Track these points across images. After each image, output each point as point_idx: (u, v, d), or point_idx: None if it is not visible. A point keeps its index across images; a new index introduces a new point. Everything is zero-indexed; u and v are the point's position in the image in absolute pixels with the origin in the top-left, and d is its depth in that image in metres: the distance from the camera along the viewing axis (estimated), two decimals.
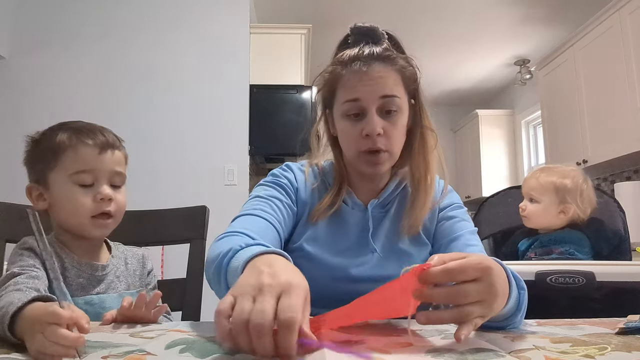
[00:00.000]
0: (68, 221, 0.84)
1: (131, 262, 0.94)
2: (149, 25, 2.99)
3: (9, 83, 2.86)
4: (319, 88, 0.95)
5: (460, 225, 0.92)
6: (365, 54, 0.85)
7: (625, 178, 3.43)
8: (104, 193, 0.82)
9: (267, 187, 0.92)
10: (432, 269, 0.52)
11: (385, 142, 0.85)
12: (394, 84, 0.85)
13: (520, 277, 0.67)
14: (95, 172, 0.82)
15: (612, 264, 1.11)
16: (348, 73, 0.85)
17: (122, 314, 0.69)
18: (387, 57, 0.86)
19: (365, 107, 0.84)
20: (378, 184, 0.96)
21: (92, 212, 0.82)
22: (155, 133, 2.88)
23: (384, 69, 0.85)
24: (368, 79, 0.84)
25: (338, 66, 0.88)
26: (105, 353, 0.48)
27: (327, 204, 0.91)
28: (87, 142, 0.82)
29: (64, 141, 0.82)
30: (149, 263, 0.98)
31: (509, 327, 0.64)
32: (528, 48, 4.42)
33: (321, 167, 0.98)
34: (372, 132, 0.83)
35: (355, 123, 0.86)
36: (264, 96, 3.08)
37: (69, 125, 0.86)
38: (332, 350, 0.48)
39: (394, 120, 0.86)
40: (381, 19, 3.92)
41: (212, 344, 0.52)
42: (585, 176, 1.39)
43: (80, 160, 0.82)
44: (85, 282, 0.83)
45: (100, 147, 0.83)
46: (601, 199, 1.41)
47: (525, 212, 1.41)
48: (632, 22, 2.86)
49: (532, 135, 5.13)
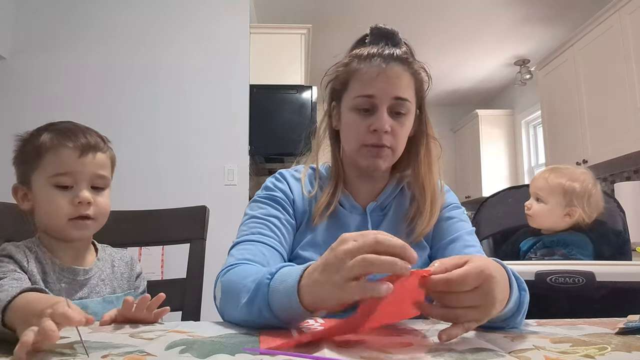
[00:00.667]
0: (47, 223, 0.83)
1: (118, 265, 0.92)
2: (149, 25, 2.98)
3: (9, 83, 2.86)
4: (330, 79, 0.94)
5: (458, 226, 0.92)
6: (385, 53, 0.87)
7: (625, 178, 3.43)
8: (82, 197, 0.81)
9: (262, 204, 0.91)
10: (433, 277, 0.52)
11: (391, 140, 0.86)
12: (407, 87, 0.87)
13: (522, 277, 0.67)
14: (75, 174, 0.82)
15: (612, 264, 1.11)
16: (366, 67, 0.86)
17: (122, 314, 0.69)
18: (405, 59, 0.87)
19: (377, 104, 0.85)
20: (376, 185, 0.95)
21: (70, 215, 0.81)
22: (154, 133, 2.88)
23: (401, 71, 0.86)
24: (385, 77, 0.84)
25: (355, 59, 0.89)
26: (105, 353, 0.48)
27: (324, 203, 0.90)
28: (67, 144, 0.82)
29: (45, 142, 0.81)
30: (137, 266, 0.96)
31: (508, 328, 0.64)
32: (528, 48, 4.42)
33: (318, 171, 0.97)
34: (381, 128, 0.84)
35: (364, 117, 0.86)
36: (264, 96, 3.08)
37: (55, 126, 0.85)
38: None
39: (401, 122, 0.87)
40: (381, 19, 3.88)
41: (213, 344, 0.52)
42: (595, 180, 1.37)
43: (60, 162, 0.81)
44: (66, 287, 0.82)
45: (81, 150, 0.82)
46: (608, 204, 1.39)
47: (530, 211, 1.41)
48: (632, 22, 2.86)
49: (532, 135, 5.13)
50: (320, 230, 0.90)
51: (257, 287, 0.62)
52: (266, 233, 0.85)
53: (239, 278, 0.69)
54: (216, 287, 0.76)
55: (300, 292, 0.56)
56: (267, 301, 0.59)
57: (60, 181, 0.81)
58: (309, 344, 0.51)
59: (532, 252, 1.39)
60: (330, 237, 0.89)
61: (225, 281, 0.73)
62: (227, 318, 0.71)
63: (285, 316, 0.58)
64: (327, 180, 0.95)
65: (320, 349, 0.49)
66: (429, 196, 0.91)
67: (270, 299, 0.59)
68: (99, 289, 0.86)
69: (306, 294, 0.56)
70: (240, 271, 0.73)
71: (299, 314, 0.57)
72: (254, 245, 0.82)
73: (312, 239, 0.89)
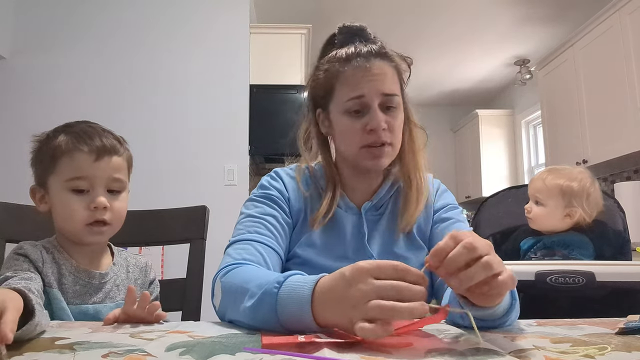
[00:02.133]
0: (63, 227, 0.83)
1: (133, 271, 0.91)
2: (149, 25, 2.99)
3: (9, 83, 2.86)
4: (311, 87, 0.94)
5: (456, 227, 0.92)
6: (364, 51, 0.86)
7: (625, 178, 3.43)
8: (98, 201, 0.80)
9: (258, 203, 0.90)
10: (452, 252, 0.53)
11: (389, 136, 0.86)
12: (392, 81, 0.87)
13: (520, 277, 0.67)
14: (91, 179, 0.80)
15: (612, 264, 1.11)
16: (350, 69, 0.85)
17: (125, 311, 0.69)
18: (385, 54, 0.87)
19: (368, 103, 0.85)
20: (371, 184, 0.95)
21: (86, 220, 0.80)
22: (154, 133, 2.88)
23: (384, 65, 0.86)
24: (371, 75, 0.84)
25: (336, 63, 0.88)
26: (105, 352, 0.48)
27: (323, 210, 0.90)
28: (82, 148, 0.80)
29: (61, 146, 0.80)
30: (152, 272, 0.95)
31: (505, 326, 0.64)
32: (528, 48, 4.42)
33: (312, 170, 0.97)
34: (378, 126, 0.84)
35: (357, 119, 0.86)
36: (264, 96, 3.08)
37: (72, 127, 0.84)
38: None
39: (394, 115, 0.87)
40: (381, 19, 3.93)
41: (213, 345, 0.52)
42: (593, 178, 1.37)
43: (75, 167, 0.80)
44: (82, 290, 0.81)
45: (97, 154, 0.81)
46: (607, 202, 1.39)
47: (530, 214, 1.41)
48: (632, 22, 2.86)
49: (532, 135, 5.13)
50: (317, 230, 0.90)
51: (263, 294, 0.61)
52: (263, 232, 0.84)
53: (241, 281, 0.69)
54: (214, 287, 0.76)
55: (313, 310, 0.56)
56: (275, 311, 0.58)
57: (76, 185, 0.80)
58: (310, 344, 0.51)
59: (533, 252, 1.39)
60: (327, 237, 0.90)
61: (225, 283, 0.73)
62: (228, 319, 0.70)
63: (294, 326, 0.58)
64: (322, 178, 0.95)
65: (320, 348, 0.50)
66: (414, 185, 0.91)
67: (280, 309, 0.58)
68: (113, 294, 0.85)
69: (319, 315, 0.55)
70: (241, 273, 0.72)
71: (309, 328, 0.57)
72: (250, 244, 0.82)
73: (309, 238, 0.89)
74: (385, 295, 0.50)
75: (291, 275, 0.61)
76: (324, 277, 0.58)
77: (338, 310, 0.54)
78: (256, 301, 0.61)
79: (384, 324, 0.49)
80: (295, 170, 0.97)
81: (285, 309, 0.58)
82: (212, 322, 0.70)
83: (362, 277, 0.52)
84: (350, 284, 0.53)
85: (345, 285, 0.53)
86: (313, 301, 0.56)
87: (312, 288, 0.57)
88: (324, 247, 0.88)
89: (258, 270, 0.74)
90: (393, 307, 0.49)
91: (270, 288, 0.60)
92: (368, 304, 0.50)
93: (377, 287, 0.51)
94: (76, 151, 0.80)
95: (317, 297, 0.56)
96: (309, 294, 0.56)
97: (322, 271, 0.83)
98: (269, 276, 0.64)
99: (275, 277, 0.62)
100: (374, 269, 0.52)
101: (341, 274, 0.55)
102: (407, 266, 0.53)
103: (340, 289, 0.54)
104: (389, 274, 0.52)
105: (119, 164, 0.84)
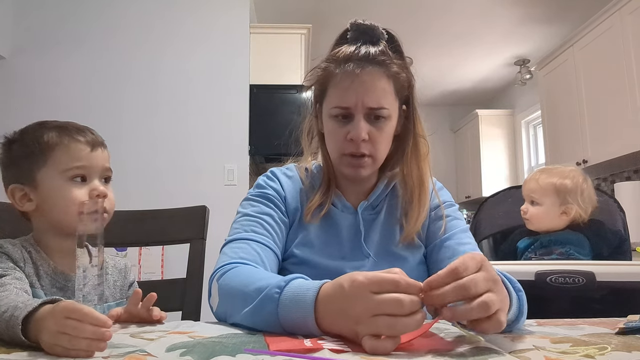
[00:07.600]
0: (62, 219, 0.80)
1: (112, 273, 0.91)
2: (149, 25, 2.98)
3: (9, 83, 2.86)
4: (311, 83, 0.93)
5: (453, 224, 0.91)
6: (360, 54, 0.84)
7: (625, 178, 3.43)
8: (99, 189, 0.81)
9: (254, 202, 0.90)
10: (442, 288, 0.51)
11: (369, 148, 0.84)
12: (383, 92, 0.83)
13: (520, 277, 0.67)
14: (88, 168, 0.82)
15: (612, 264, 1.11)
16: (341, 73, 0.84)
17: (128, 310, 0.69)
18: (381, 61, 0.84)
19: (352, 113, 0.84)
20: (365, 185, 0.94)
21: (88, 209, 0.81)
22: (154, 133, 2.88)
23: (376, 73, 0.83)
24: (359, 83, 0.82)
25: (332, 64, 0.87)
26: (106, 353, 0.48)
27: (316, 202, 0.89)
28: (78, 139, 0.82)
29: (53, 138, 0.81)
30: (131, 275, 0.95)
31: (515, 330, 0.64)
32: (528, 48, 4.41)
33: (310, 170, 0.96)
34: (357, 137, 0.82)
35: (341, 125, 0.85)
36: (264, 96, 3.08)
37: (51, 123, 0.84)
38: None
39: (380, 126, 0.85)
40: (381, 19, 3.88)
41: (213, 345, 0.52)
42: (585, 175, 1.39)
43: (74, 156, 0.81)
44: (58, 293, 0.80)
45: (92, 145, 0.83)
46: (601, 198, 1.41)
47: (527, 215, 1.41)
48: (632, 22, 2.86)
49: (532, 135, 5.13)
50: (314, 229, 0.89)
51: (264, 299, 0.60)
52: (259, 231, 0.84)
53: (239, 284, 0.68)
54: (212, 287, 0.75)
55: (316, 317, 0.55)
56: (276, 315, 0.58)
57: (76, 173, 0.81)
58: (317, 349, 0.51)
59: (531, 251, 1.40)
60: (323, 236, 0.89)
61: (223, 285, 0.72)
62: (229, 321, 0.69)
63: (296, 331, 0.57)
64: (318, 178, 0.95)
65: (320, 348, 0.50)
66: (416, 196, 0.90)
67: (282, 315, 0.58)
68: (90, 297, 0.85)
69: (322, 322, 0.55)
70: (239, 274, 0.72)
71: (312, 333, 0.56)
72: (247, 243, 0.81)
73: (306, 237, 0.89)
74: (387, 310, 0.50)
75: (292, 280, 0.61)
76: (326, 283, 0.57)
77: (341, 322, 0.53)
78: (256, 305, 0.61)
79: (393, 337, 0.49)
80: (291, 169, 0.97)
81: (288, 314, 0.57)
82: (213, 322, 0.70)
83: (360, 292, 0.51)
84: (349, 298, 0.52)
85: (344, 299, 0.53)
86: (316, 308, 0.55)
87: (315, 295, 0.56)
88: (321, 247, 0.88)
89: (256, 272, 0.73)
90: (400, 323, 0.49)
91: (271, 293, 0.60)
92: (373, 319, 0.50)
93: (379, 303, 0.50)
94: (73, 142, 0.81)
95: (320, 305, 0.56)
96: (312, 301, 0.56)
97: (319, 270, 0.84)
98: (268, 279, 0.63)
99: (275, 281, 0.61)
100: (372, 285, 0.51)
101: (340, 286, 0.54)
102: (407, 281, 0.51)
103: (339, 301, 0.54)
104: (389, 290, 0.51)
105: (107, 155, 0.87)
